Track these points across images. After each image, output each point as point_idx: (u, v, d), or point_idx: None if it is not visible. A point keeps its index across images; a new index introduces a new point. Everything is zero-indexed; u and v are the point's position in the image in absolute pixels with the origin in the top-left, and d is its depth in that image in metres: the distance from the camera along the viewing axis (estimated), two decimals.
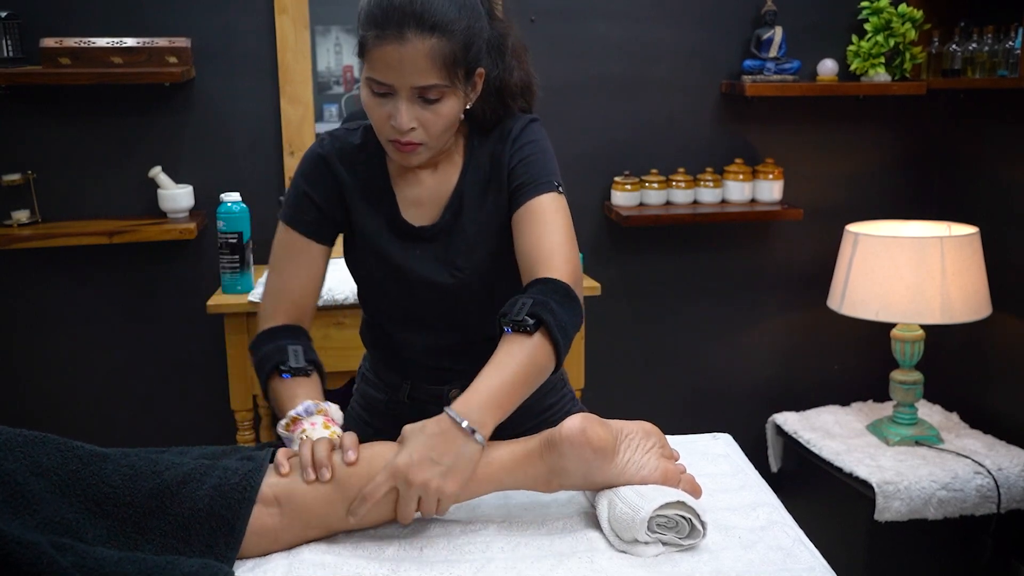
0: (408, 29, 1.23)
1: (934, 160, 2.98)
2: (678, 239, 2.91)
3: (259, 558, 1.15)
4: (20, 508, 1.02)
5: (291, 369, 1.35)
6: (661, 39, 2.79)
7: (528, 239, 1.33)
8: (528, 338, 1.23)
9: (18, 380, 2.66)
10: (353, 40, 2.80)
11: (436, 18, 1.23)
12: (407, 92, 1.27)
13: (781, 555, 1.15)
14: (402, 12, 1.23)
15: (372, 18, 1.25)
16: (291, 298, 1.42)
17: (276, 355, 1.36)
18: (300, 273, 1.43)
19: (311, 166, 1.42)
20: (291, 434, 1.29)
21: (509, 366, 1.22)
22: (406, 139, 1.30)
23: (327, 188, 1.41)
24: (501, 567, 1.11)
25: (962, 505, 2.41)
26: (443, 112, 1.29)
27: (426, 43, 1.23)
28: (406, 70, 1.25)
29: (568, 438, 1.18)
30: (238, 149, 2.65)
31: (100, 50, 2.42)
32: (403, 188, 1.42)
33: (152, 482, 1.10)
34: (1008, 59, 2.54)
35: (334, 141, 1.43)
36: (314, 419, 1.29)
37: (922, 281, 2.44)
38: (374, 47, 1.25)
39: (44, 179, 2.55)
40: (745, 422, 3.00)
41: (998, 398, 2.74)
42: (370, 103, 1.30)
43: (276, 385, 1.36)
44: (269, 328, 1.41)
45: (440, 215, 1.41)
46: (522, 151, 1.39)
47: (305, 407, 1.30)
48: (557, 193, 1.36)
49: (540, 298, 1.24)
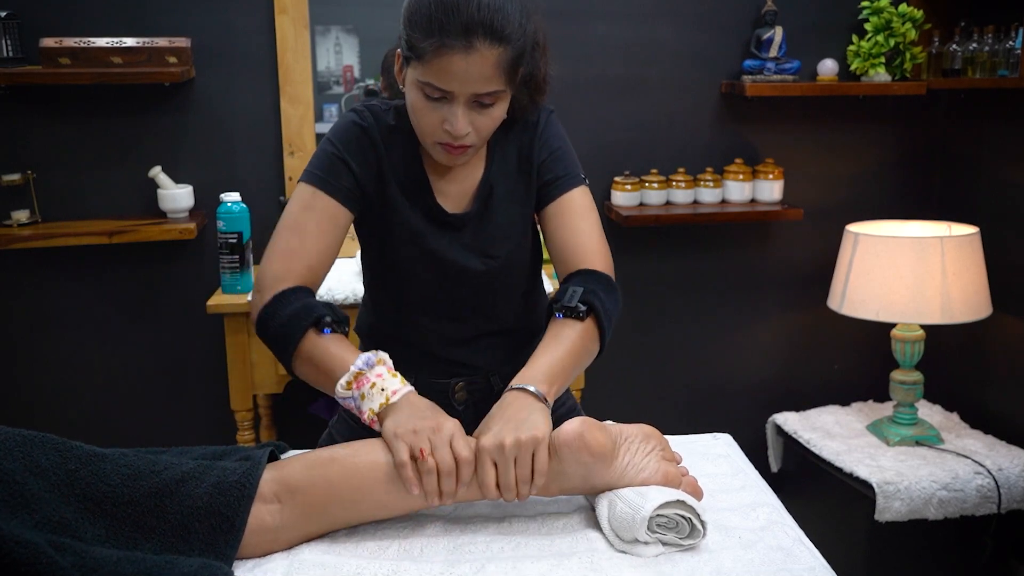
0: (476, 38, 1.20)
1: (934, 160, 2.98)
2: (678, 239, 2.91)
3: (259, 558, 1.15)
4: (19, 507, 1.02)
5: (333, 324, 1.27)
6: (661, 39, 2.79)
7: (564, 232, 1.40)
8: (579, 323, 1.32)
9: (18, 380, 2.66)
10: (353, 40, 2.80)
11: (504, 27, 1.21)
12: (466, 98, 1.25)
13: (781, 555, 1.15)
14: (470, 20, 1.19)
15: (435, 24, 1.20)
16: (308, 261, 1.33)
17: (309, 312, 1.27)
18: (324, 237, 1.34)
19: (352, 135, 1.37)
20: (356, 391, 1.22)
21: (563, 346, 1.29)
22: (459, 143, 1.28)
23: (367, 161, 1.37)
24: (501, 567, 1.11)
25: (962, 505, 2.41)
26: (496, 115, 1.30)
27: (494, 52, 1.21)
28: (471, 79, 1.22)
29: (566, 442, 1.18)
30: (238, 149, 2.65)
31: (100, 50, 2.42)
32: (435, 176, 1.41)
33: (151, 481, 1.10)
34: (1008, 59, 2.54)
35: (375, 115, 1.39)
36: (378, 370, 1.23)
37: (922, 281, 2.44)
38: (436, 55, 1.21)
39: (44, 179, 2.55)
40: (745, 422, 3.00)
41: (998, 398, 2.74)
42: (421, 107, 1.27)
43: (314, 344, 1.26)
44: (286, 289, 1.30)
45: (471, 204, 1.42)
46: (549, 144, 1.42)
47: (365, 360, 1.23)
48: (585, 186, 1.43)
49: (589, 287, 1.34)
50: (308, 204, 1.34)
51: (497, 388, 1.48)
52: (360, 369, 1.23)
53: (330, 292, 2.29)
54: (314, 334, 1.27)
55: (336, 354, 1.25)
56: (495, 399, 1.46)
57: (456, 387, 1.48)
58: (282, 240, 1.34)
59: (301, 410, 2.61)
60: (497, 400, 1.25)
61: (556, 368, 1.27)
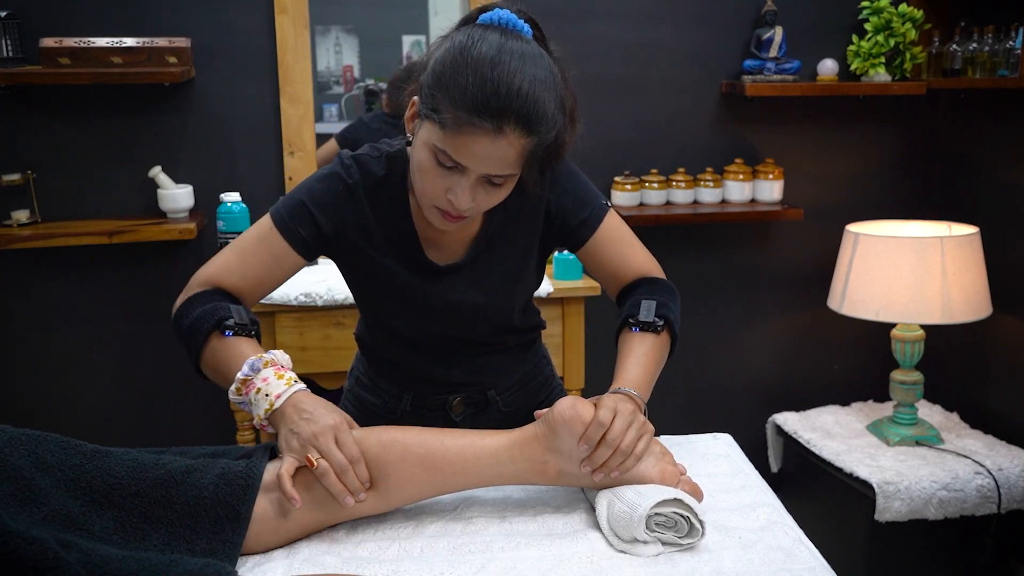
0: (508, 124, 1.14)
1: (934, 160, 2.98)
2: (678, 239, 2.91)
3: (259, 557, 1.15)
4: (27, 502, 1.04)
5: (236, 326, 1.26)
6: (661, 39, 2.79)
7: (613, 257, 1.44)
8: (656, 336, 1.37)
9: (18, 380, 2.66)
10: (353, 40, 2.80)
11: (539, 120, 1.16)
12: (477, 176, 1.20)
13: (781, 555, 1.15)
14: (507, 106, 1.14)
15: (468, 98, 1.14)
16: (239, 283, 1.34)
17: (214, 313, 1.27)
18: (263, 271, 1.34)
19: (332, 192, 1.33)
20: (245, 397, 1.23)
21: (647, 358, 1.35)
22: (457, 213, 1.24)
23: (343, 217, 1.33)
24: (501, 567, 1.11)
25: (962, 505, 2.41)
26: (502, 194, 1.25)
27: (521, 141, 1.17)
28: (490, 162, 1.18)
29: (560, 414, 1.20)
30: (238, 149, 2.65)
31: (100, 50, 2.42)
32: (425, 228, 1.36)
33: (156, 473, 1.11)
34: (1008, 59, 2.54)
35: (361, 170, 1.34)
36: (264, 374, 1.22)
37: (922, 281, 2.44)
38: (461, 131, 1.15)
39: (44, 179, 2.55)
40: (745, 422, 3.00)
41: (998, 398, 2.74)
42: (429, 170, 1.21)
43: (217, 346, 1.26)
44: (204, 291, 1.32)
45: (466, 253, 1.39)
46: (561, 183, 1.39)
47: (250, 364, 1.22)
48: (611, 209, 1.44)
49: (661, 299, 1.39)
50: (262, 236, 1.34)
51: (494, 400, 1.49)
52: (246, 375, 1.23)
53: (330, 292, 2.30)
54: (216, 337, 1.27)
55: (234, 358, 1.25)
56: (493, 410, 1.47)
57: (454, 402, 1.48)
58: (224, 255, 1.36)
59: None
60: (494, 411, 1.25)
61: (642, 381, 1.32)
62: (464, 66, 1.15)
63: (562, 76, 1.23)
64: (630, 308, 1.39)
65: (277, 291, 2.28)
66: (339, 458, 1.16)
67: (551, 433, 1.21)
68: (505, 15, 1.23)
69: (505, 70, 1.14)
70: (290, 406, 1.20)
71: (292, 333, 2.34)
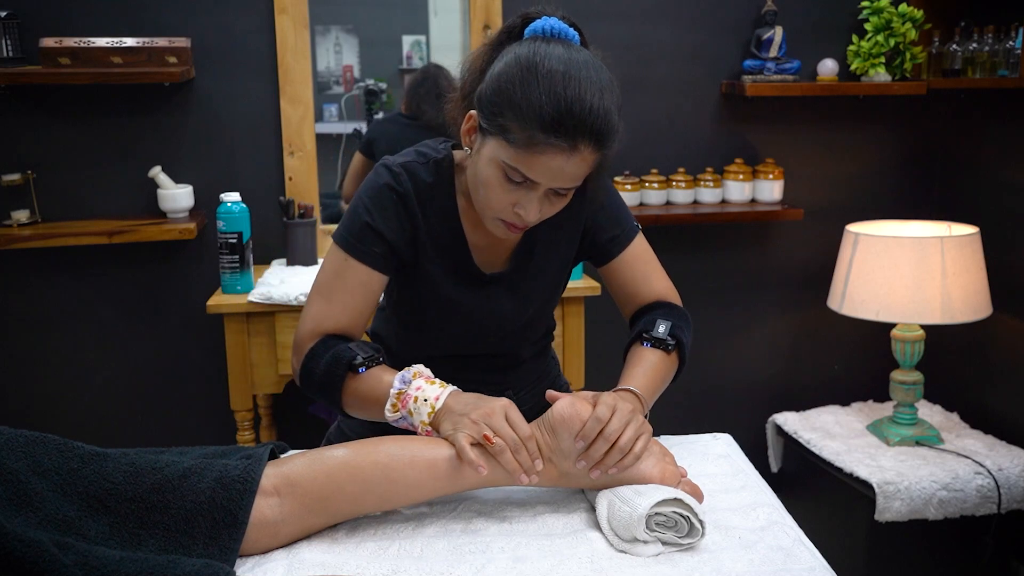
0: (581, 142, 1.17)
1: (934, 160, 2.98)
2: (678, 239, 2.91)
3: (259, 557, 1.15)
4: (23, 505, 1.03)
5: (365, 360, 1.29)
6: (661, 39, 2.79)
7: (635, 277, 1.47)
8: (666, 355, 1.41)
9: (18, 380, 2.66)
10: (353, 40, 2.80)
11: (610, 133, 1.19)
12: (547, 189, 1.23)
13: (781, 555, 1.15)
14: (581, 124, 1.16)
15: (545, 118, 1.15)
16: (338, 324, 1.35)
17: (340, 358, 1.30)
18: (354, 302, 1.34)
19: (385, 201, 1.33)
20: (403, 411, 1.26)
21: (653, 370, 1.39)
22: (524, 224, 1.27)
23: (401, 227, 1.34)
24: (501, 567, 1.11)
25: (962, 505, 2.41)
26: (565, 202, 1.28)
27: (593, 156, 1.20)
28: (563, 177, 1.20)
29: (559, 414, 1.21)
30: (238, 149, 2.65)
31: (100, 50, 2.42)
32: (472, 233, 1.38)
33: (153, 477, 1.11)
34: (1008, 59, 2.54)
35: (412, 178, 1.34)
36: (417, 383, 1.26)
37: (922, 281, 2.44)
38: (536, 150, 1.17)
39: (44, 179, 2.55)
40: (745, 422, 3.00)
41: (998, 398, 2.74)
42: (496, 185, 1.23)
43: (356, 385, 1.30)
44: (316, 344, 1.33)
45: (508, 261, 1.41)
46: (599, 201, 1.43)
47: (400, 378, 1.26)
48: (641, 232, 1.48)
49: (676, 322, 1.43)
50: (338, 270, 1.34)
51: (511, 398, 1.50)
52: (400, 389, 1.25)
53: None
54: (352, 377, 1.30)
55: (376, 385, 1.28)
56: None
57: None
58: (313, 305, 1.36)
59: (301, 410, 2.61)
60: None
61: (646, 387, 1.36)
62: (534, 83, 1.16)
63: (611, 79, 1.25)
64: (644, 325, 1.43)
65: (277, 291, 2.29)
66: (512, 436, 1.18)
67: (551, 434, 1.22)
68: (556, 24, 1.24)
69: (577, 87, 1.16)
70: (454, 403, 1.23)
71: (292, 333, 2.33)
